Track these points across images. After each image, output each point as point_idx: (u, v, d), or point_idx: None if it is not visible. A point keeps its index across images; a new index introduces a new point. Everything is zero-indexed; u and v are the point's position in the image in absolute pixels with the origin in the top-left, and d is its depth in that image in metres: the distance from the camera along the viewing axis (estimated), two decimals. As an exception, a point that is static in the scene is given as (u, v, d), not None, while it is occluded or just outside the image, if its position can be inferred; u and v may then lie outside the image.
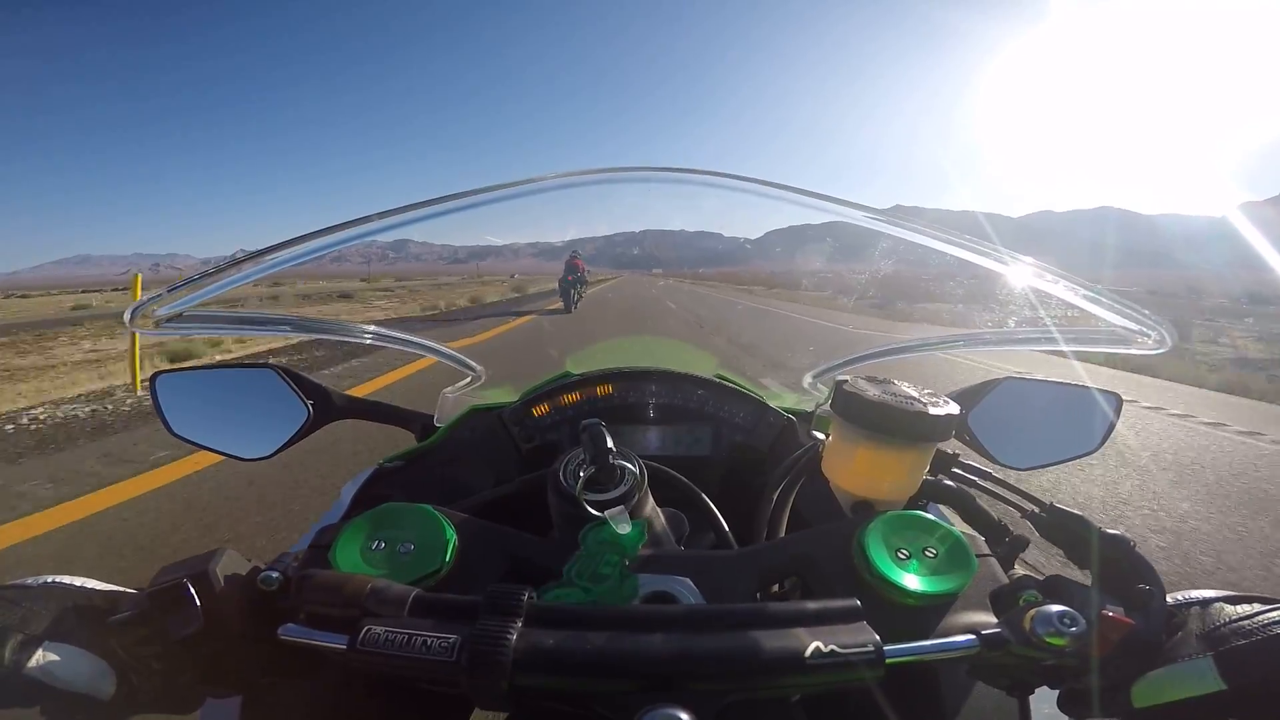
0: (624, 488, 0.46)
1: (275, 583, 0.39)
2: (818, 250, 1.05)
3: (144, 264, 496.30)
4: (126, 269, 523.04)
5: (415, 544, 0.42)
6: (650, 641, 0.32)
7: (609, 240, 15.07)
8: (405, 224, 0.60)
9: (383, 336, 0.84)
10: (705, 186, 0.64)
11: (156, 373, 0.72)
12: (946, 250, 0.62)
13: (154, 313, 0.59)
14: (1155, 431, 4.80)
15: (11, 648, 0.33)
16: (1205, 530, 2.93)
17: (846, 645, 0.32)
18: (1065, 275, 0.61)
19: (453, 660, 0.31)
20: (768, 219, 51.95)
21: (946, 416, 0.47)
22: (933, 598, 0.39)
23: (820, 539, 0.45)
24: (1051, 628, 0.34)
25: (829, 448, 0.54)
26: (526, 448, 0.76)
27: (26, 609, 0.35)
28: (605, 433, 0.46)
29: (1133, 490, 3.42)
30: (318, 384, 0.75)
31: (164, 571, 0.38)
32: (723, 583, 0.43)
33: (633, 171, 0.65)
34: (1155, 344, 0.61)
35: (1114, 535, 0.43)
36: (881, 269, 0.79)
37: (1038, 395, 0.77)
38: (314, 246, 0.58)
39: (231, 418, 0.75)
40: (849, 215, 0.63)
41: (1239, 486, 3.56)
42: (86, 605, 0.37)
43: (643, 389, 0.80)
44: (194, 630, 0.35)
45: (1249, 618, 0.35)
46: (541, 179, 0.60)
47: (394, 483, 0.71)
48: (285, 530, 2.67)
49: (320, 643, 0.34)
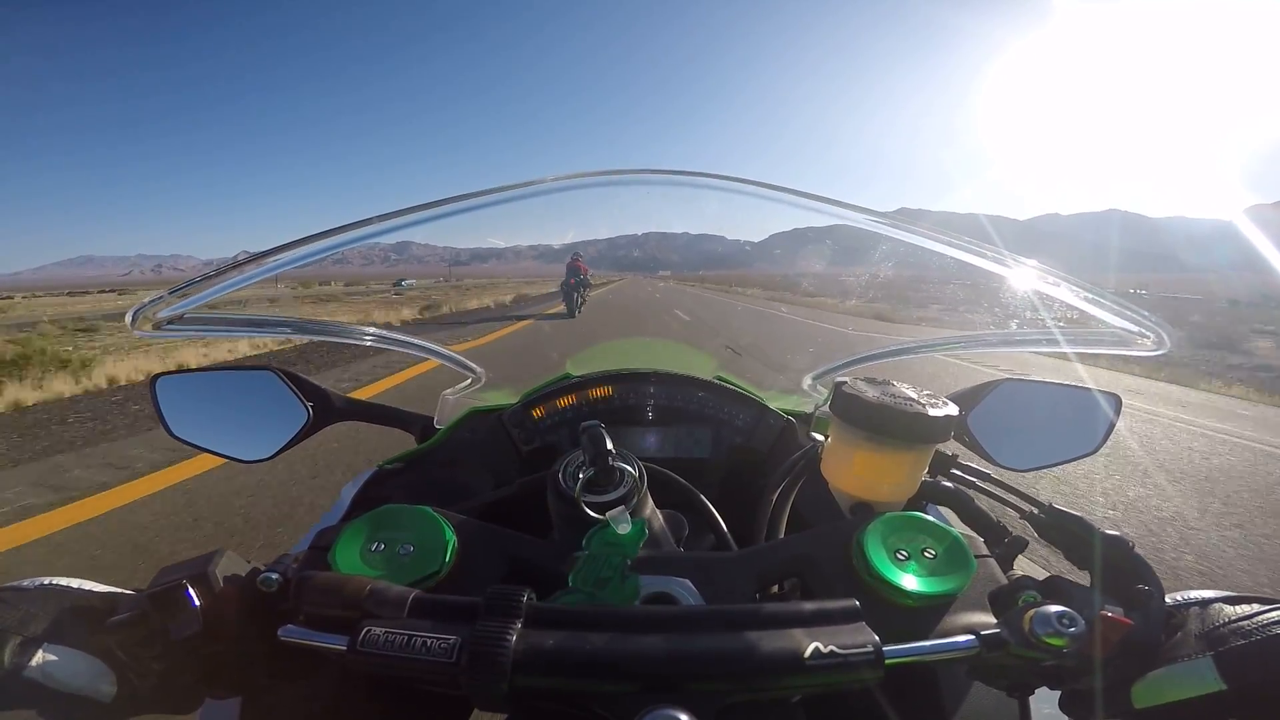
0: (623, 490, 0.46)
1: (274, 584, 0.39)
2: (820, 253, 1.05)
3: (146, 265, 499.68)
4: (128, 270, 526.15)
5: (415, 545, 0.42)
6: (650, 642, 0.32)
7: (611, 243, 15.03)
8: (408, 226, 0.60)
9: (384, 339, 0.84)
10: (706, 189, 0.64)
11: (156, 375, 0.72)
12: (948, 253, 0.62)
13: (156, 315, 0.59)
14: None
15: (11, 649, 0.33)
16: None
17: (846, 646, 0.32)
18: (1065, 277, 0.61)
19: (452, 661, 0.31)
20: (768, 222, 52.86)
21: (945, 418, 0.47)
22: (932, 598, 0.39)
23: (819, 540, 0.45)
24: (1050, 628, 0.34)
25: (828, 449, 0.54)
26: (526, 450, 0.76)
27: (25, 611, 0.35)
28: (605, 435, 0.47)
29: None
30: (318, 386, 0.75)
31: (163, 573, 0.38)
32: (722, 584, 0.43)
33: (634, 174, 0.65)
34: (1154, 345, 0.61)
35: (1113, 536, 0.43)
36: (882, 272, 0.79)
37: (1037, 396, 0.77)
38: (317, 248, 0.58)
39: (232, 420, 0.75)
40: (849, 218, 0.63)
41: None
42: (85, 607, 0.37)
43: (642, 391, 0.80)
44: (193, 632, 0.35)
45: (1248, 618, 0.36)
46: (544, 181, 0.60)
47: (394, 484, 0.71)
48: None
49: (320, 644, 0.34)
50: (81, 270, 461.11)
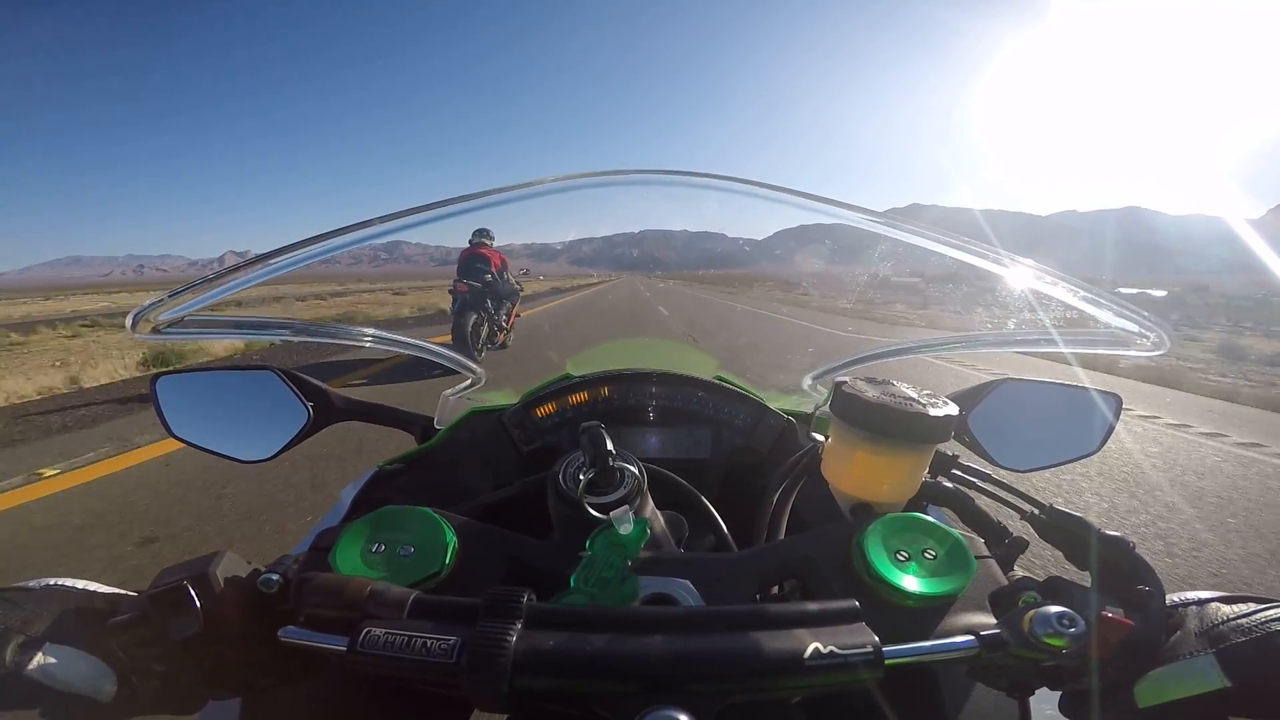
0: (624, 490, 0.46)
1: (275, 585, 0.39)
2: (823, 252, 1.05)
3: (132, 266, 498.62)
4: (110, 271, 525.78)
5: (415, 546, 0.42)
6: (650, 643, 0.32)
7: (608, 241, 14.93)
8: (407, 227, 0.60)
9: (383, 340, 0.84)
10: (704, 189, 0.64)
11: (157, 374, 0.72)
12: (949, 253, 0.62)
13: (155, 317, 0.59)
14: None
15: (12, 649, 0.33)
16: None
17: (845, 646, 0.32)
18: (1065, 277, 0.61)
19: (452, 662, 0.31)
20: (770, 221, 51.87)
21: (945, 418, 0.47)
22: (932, 599, 0.39)
23: (820, 541, 0.45)
24: (1050, 629, 0.34)
25: (828, 450, 0.54)
26: (527, 450, 0.76)
27: (28, 611, 0.35)
28: (605, 435, 0.47)
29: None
30: (318, 386, 0.75)
31: (164, 573, 0.38)
32: (722, 584, 0.43)
33: (631, 174, 0.65)
34: (1154, 345, 0.61)
35: (1113, 537, 0.43)
36: (882, 271, 0.79)
37: (1037, 397, 0.77)
38: (315, 251, 0.58)
39: (232, 420, 0.75)
40: (848, 217, 0.63)
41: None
42: (87, 607, 0.37)
43: (643, 391, 0.80)
44: (194, 632, 0.35)
45: (1246, 616, 0.36)
46: (542, 182, 0.60)
47: (394, 485, 0.71)
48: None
49: (320, 645, 0.34)
50: (68, 271, 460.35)
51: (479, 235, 6.44)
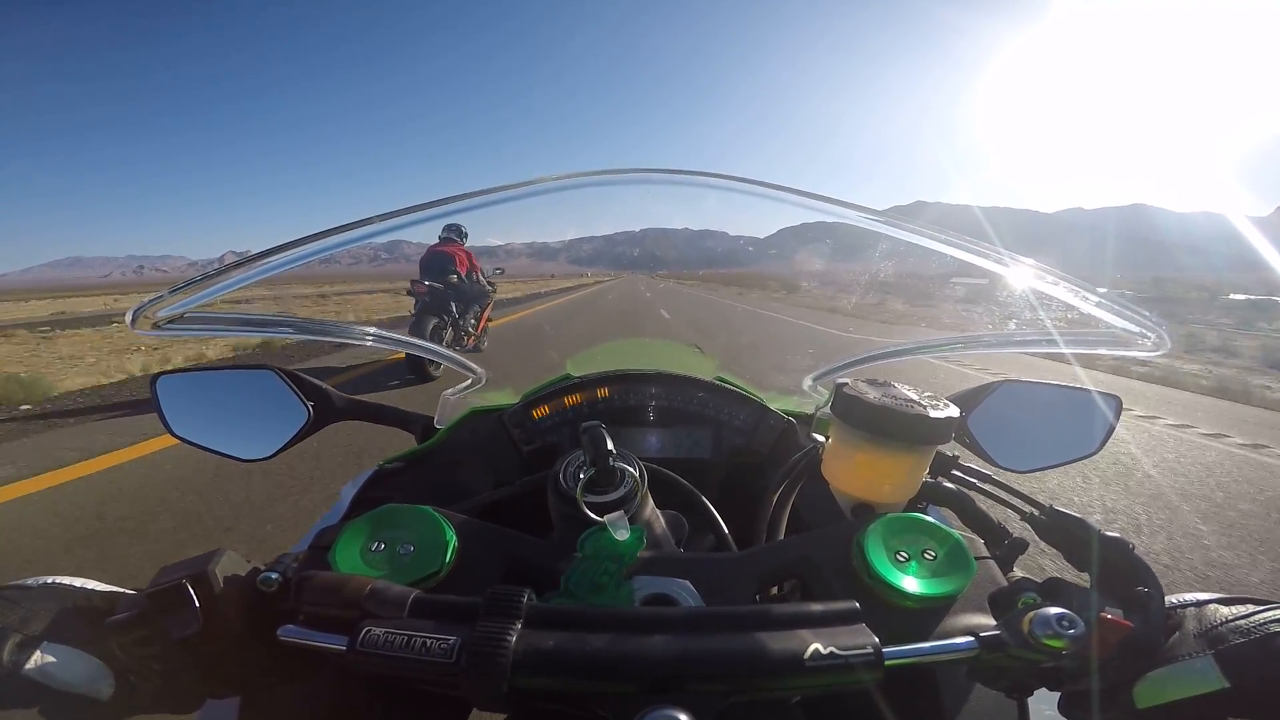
0: (624, 490, 0.46)
1: (274, 584, 0.39)
2: (825, 251, 1.05)
3: (132, 266, 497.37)
4: (110, 271, 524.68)
5: (415, 545, 0.42)
6: (650, 643, 0.32)
7: (609, 240, 14.95)
8: (407, 225, 0.60)
9: (384, 339, 0.84)
10: (705, 188, 0.63)
11: (157, 374, 0.72)
12: (949, 253, 0.62)
13: (155, 314, 0.59)
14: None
15: (10, 648, 0.33)
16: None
17: (845, 647, 0.32)
18: (1065, 276, 0.61)
19: (452, 662, 0.31)
20: (771, 220, 51.62)
21: (946, 419, 0.47)
22: (932, 600, 0.39)
23: (820, 541, 0.45)
24: (1050, 630, 0.34)
25: (829, 450, 0.54)
26: (527, 450, 0.76)
27: (26, 609, 0.35)
28: (605, 435, 0.46)
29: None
30: (318, 385, 0.75)
31: (163, 572, 0.38)
32: (722, 585, 0.43)
33: (631, 174, 0.65)
34: (1154, 346, 0.61)
35: (1113, 538, 0.43)
36: (884, 270, 0.79)
37: (1037, 398, 0.77)
38: (317, 247, 0.58)
39: (232, 419, 0.75)
40: (849, 216, 0.63)
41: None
42: (86, 606, 0.37)
43: (643, 391, 0.80)
44: (193, 631, 0.35)
45: (1245, 617, 0.36)
46: (542, 181, 0.60)
47: (394, 484, 0.71)
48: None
49: (319, 644, 0.34)
50: (69, 272, 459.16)
51: (449, 232, 5.82)
